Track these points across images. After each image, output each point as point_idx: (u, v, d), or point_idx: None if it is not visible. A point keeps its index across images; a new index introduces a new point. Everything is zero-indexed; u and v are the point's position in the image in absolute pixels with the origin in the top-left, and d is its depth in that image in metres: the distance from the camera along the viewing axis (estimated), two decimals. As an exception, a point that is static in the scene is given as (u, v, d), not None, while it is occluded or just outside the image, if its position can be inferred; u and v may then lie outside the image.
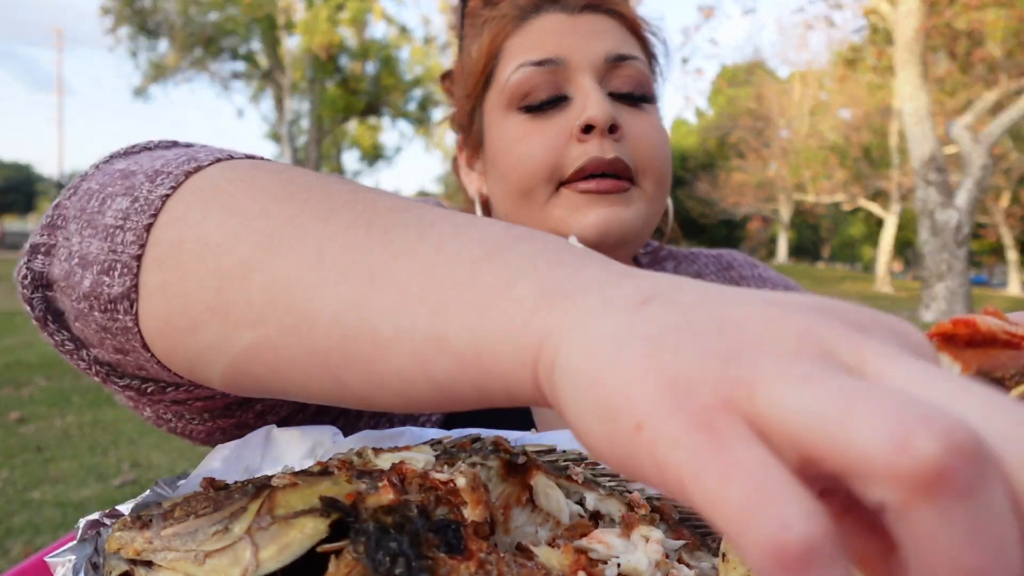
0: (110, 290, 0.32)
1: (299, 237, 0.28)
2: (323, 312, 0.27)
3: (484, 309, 0.23)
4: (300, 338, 0.27)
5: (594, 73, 0.60)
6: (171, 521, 0.28)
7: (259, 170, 0.33)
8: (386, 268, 0.26)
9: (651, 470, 0.17)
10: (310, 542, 0.27)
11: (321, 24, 16.31)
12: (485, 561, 0.28)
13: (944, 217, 6.89)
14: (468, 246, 0.25)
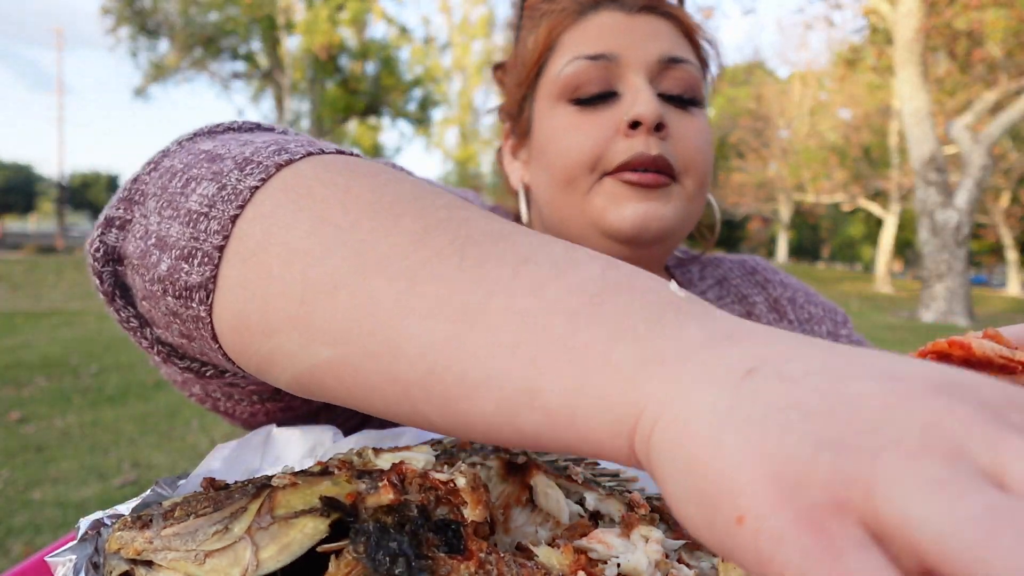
0: (188, 278, 0.31)
1: (391, 259, 0.27)
2: (410, 344, 0.26)
3: (582, 370, 0.22)
4: (381, 364, 0.26)
5: (646, 72, 0.61)
6: (171, 521, 0.28)
7: (353, 173, 0.31)
8: (479, 308, 0.25)
9: (753, 564, 0.16)
10: (310, 542, 0.27)
11: (321, 24, 16.31)
12: (485, 561, 0.28)
13: (944, 217, 6.89)
14: (567, 294, 0.24)
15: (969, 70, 7.84)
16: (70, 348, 5.39)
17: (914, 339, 6.89)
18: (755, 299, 0.74)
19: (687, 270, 0.76)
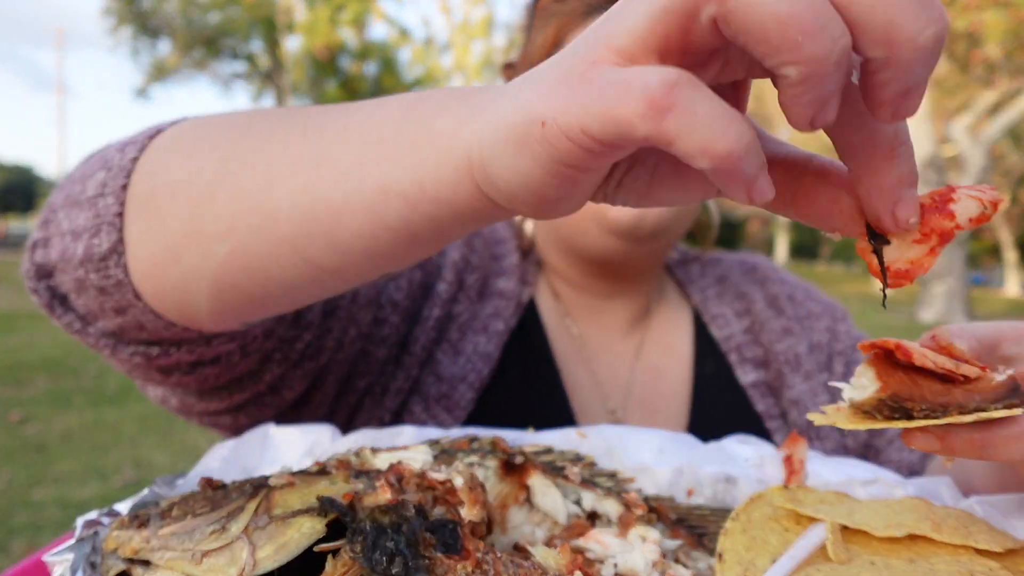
0: (99, 249, 0.36)
1: (249, 154, 0.33)
2: (282, 204, 0.31)
3: (415, 148, 0.28)
4: (268, 233, 0.32)
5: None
6: (169, 520, 0.28)
7: (210, 118, 0.38)
8: (326, 152, 0.31)
9: (564, 144, 0.23)
10: (307, 541, 0.27)
11: (321, 25, 16.31)
12: (482, 561, 0.28)
13: (944, 217, 6.86)
14: (389, 111, 0.30)
15: (968, 71, 7.85)
16: (71, 348, 5.39)
17: (913, 339, 6.84)
18: (753, 296, 0.74)
19: (688, 268, 0.77)
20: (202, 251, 0.34)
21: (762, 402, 0.66)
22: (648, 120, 0.21)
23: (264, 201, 0.32)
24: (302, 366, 0.51)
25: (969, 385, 0.26)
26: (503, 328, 0.63)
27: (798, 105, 0.21)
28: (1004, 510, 0.36)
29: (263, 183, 0.32)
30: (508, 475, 0.38)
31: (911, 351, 0.26)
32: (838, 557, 0.33)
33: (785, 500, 0.36)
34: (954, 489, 0.38)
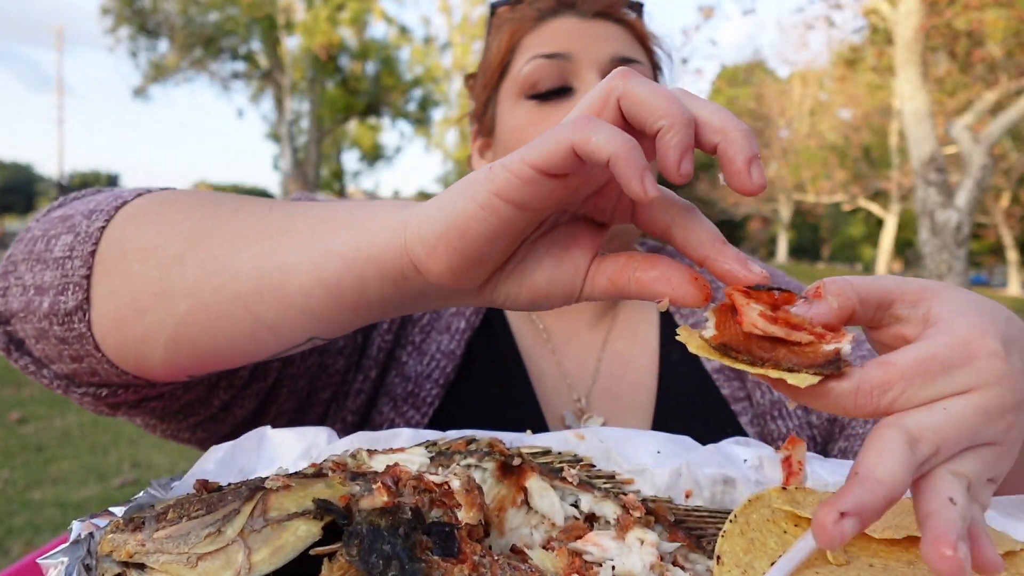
0: (65, 305, 0.40)
1: (219, 225, 0.38)
2: (244, 265, 0.37)
3: (361, 222, 0.35)
4: (227, 291, 0.37)
5: (599, 70, 0.64)
6: (164, 523, 0.28)
7: (177, 194, 0.43)
8: (288, 224, 0.37)
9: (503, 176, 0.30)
10: (303, 545, 0.27)
11: (321, 24, 16.30)
12: (479, 564, 0.28)
13: (944, 217, 6.89)
14: (344, 205, 0.38)
15: (969, 70, 7.84)
16: (70, 348, 5.37)
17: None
18: (719, 282, 0.76)
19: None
20: (166, 308, 0.38)
21: (727, 385, 0.67)
22: (576, 133, 0.29)
23: (229, 263, 0.37)
24: (249, 388, 0.53)
25: (797, 348, 0.28)
26: (464, 326, 0.66)
27: (669, 149, 0.29)
28: (1004, 511, 0.35)
29: (230, 248, 0.37)
30: (505, 477, 0.38)
31: (743, 319, 0.29)
32: (836, 559, 0.32)
33: (784, 502, 0.36)
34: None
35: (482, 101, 0.72)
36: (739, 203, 21.65)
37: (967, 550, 0.25)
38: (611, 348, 0.70)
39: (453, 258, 0.32)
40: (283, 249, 0.36)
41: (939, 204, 6.57)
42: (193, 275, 0.38)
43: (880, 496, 0.26)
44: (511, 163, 0.30)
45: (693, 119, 0.30)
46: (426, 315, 0.66)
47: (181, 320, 0.38)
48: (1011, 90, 7.44)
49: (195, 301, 0.38)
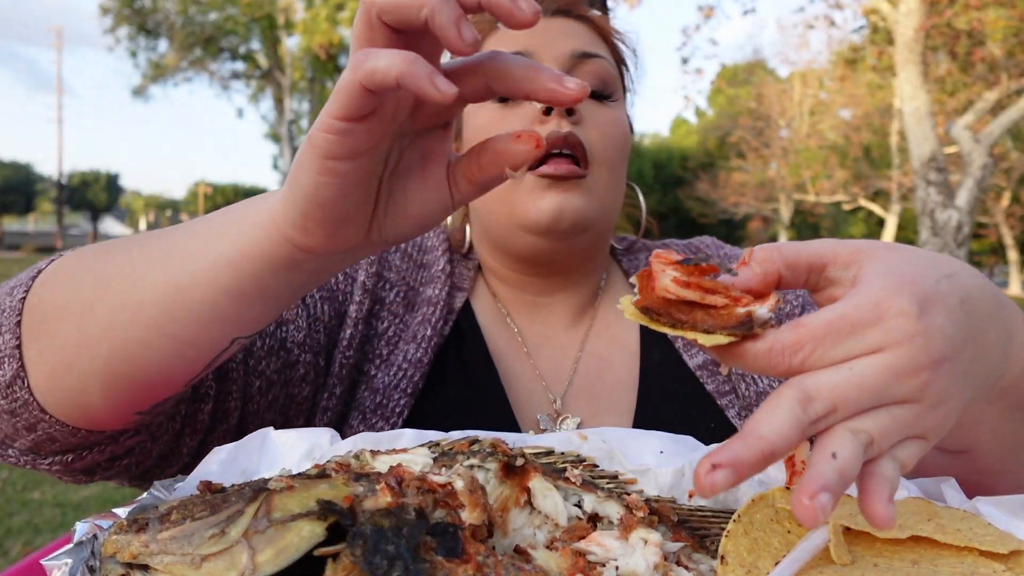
0: (4, 378, 0.43)
1: (117, 266, 0.42)
2: (147, 294, 0.40)
3: (237, 229, 0.39)
4: (139, 322, 0.40)
5: (559, 66, 0.64)
6: (168, 524, 0.28)
7: (81, 251, 0.46)
8: (176, 246, 0.41)
9: (320, 138, 0.33)
10: (307, 545, 0.27)
11: (321, 24, 16.29)
12: (483, 564, 0.28)
13: (944, 217, 6.88)
14: (219, 213, 0.41)
15: (970, 70, 7.83)
16: (70, 348, 5.37)
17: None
18: None
19: (635, 257, 0.78)
20: (90, 354, 0.41)
21: (711, 381, 0.66)
22: (358, 72, 0.31)
23: (133, 296, 0.40)
24: (215, 430, 0.54)
25: (712, 312, 0.30)
26: (431, 333, 0.65)
27: (443, 30, 0.30)
28: (1009, 511, 0.35)
29: (131, 283, 0.41)
30: (509, 477, 0.38)
31: (655, 286, 0.31)
32: (841, 559, 0.32)
33: (787, 501, 0.36)
34: (958, 490, 0.38)
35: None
36: (739, 203, 21.66)
37: (827, 500, 0.26)
38: (589, 349, 0.69)
39: (325, 228, 0.36)
40: (177, 269, 0.40)
41: (939, 204, 6.57)
42: (105, 317, 0.41)
43: (757, 451, 0.27)
44: (322, 124, 0.33)
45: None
46: (391, 327, 0.66)
47: (107, 361, 0.41)
48: (1011, 90, 7.44)
49: (114, 340, 0.41)
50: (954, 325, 0.30)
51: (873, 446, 0.28)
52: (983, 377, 0.34)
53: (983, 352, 0.33)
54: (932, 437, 0.31)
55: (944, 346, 0.30)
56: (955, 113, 8.58)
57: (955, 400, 0.31)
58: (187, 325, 0.40)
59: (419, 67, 0.30)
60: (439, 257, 0.71)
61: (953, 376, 0.30)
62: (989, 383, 0.35)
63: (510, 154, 0.36)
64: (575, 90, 0.33)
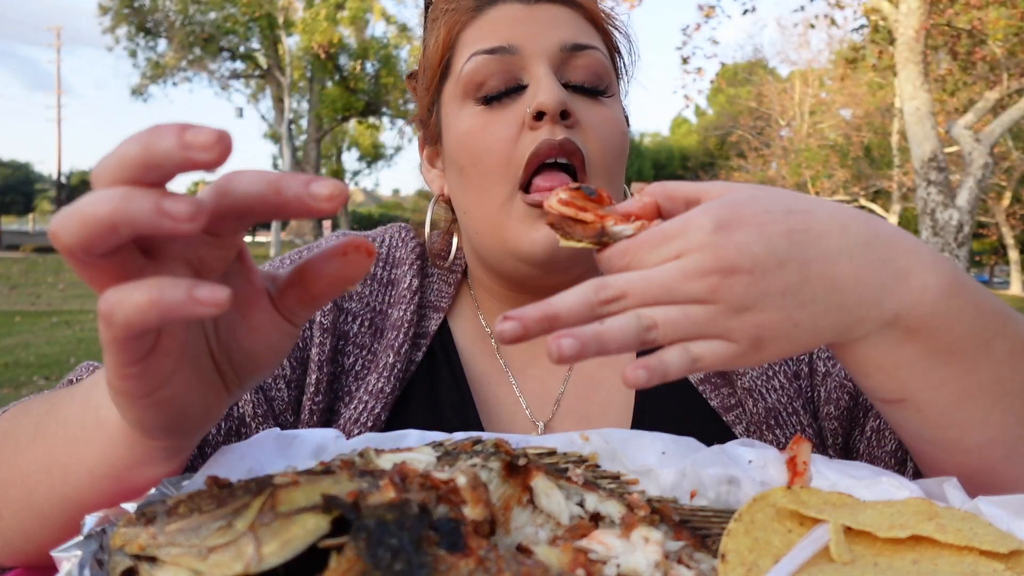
0: None
1: (10, 473, 0.42)
2: (45, 505, 0.40)
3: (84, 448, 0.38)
4: (45, 526, 0.41)
5: (548, 61, 0.58)
6: (175, 517, 0.28)
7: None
8: (54, 458, 0.40)
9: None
10: (312, 538, 0.27)
11: (320, 23, 16.28)
12: (485, 558, 0.28)
13: (945, 217, 6.88)
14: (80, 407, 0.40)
15: (970, 69, 7.83)
16: (68, 348, 5.39)
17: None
18: None
19: None
20: (16, 522, 0.42)
21: (715, 395, 0.61)
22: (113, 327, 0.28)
23: (33, 506, 0.41)
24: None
25: (583, 225, 0.38)
26: (393, 360, 0.60)
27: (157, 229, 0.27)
28: (1010, 510, 0.36)
29: (27, 493, 0.41)
30: (511, 477, 0.38)
31: (545, 203, 0.40)
32: (841, 558, 0.33)
33: (788, 501, 0.36)
34: (959, 490, 0.38)
35: (426, 105, 0.65)
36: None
37: (569, 345, 0.31)
38: (579, 367, 0.65)
39: (180, 425, 0.34)
40: (62, 484, 0.39)
41: (940, 203, 6.56)
42: (13, 520, 0.42)
43: (541, 311, 0.33)
44: (114, 374, 0.30)
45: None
46: (358, 361, 0.61)
47: (21, 542, 0.42)
48: (1012, 89, 7.43)
49: (26, 534, 0.42)
50: (762, 245, 0.35)
51: (656, 330, 0.34)
52: (836, 308, 0.37)
53: (825, 282, 0.36)
54: (742, 342, 0.35)
55: (737, 258, 0.35)
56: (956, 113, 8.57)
57: (770, 314, 0.35)
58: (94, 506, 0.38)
59: (170, 294, 0.26)
60: (407, 272, 0.65)
61: (756, 289, 0.35)
62: (857, 317, 0.37)
63: (345, 276, 0.33)
64: (326, 197, 0.28)
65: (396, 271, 0.66)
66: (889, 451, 0.57)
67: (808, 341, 0.37)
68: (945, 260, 0.40)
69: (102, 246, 0.26)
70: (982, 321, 0.39)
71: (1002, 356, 0.39)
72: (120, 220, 0.26)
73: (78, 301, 9.16)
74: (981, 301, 0.39)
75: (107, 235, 0.26)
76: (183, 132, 0.26)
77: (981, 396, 0.39)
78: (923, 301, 0.38)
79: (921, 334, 0.38)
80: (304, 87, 18.72)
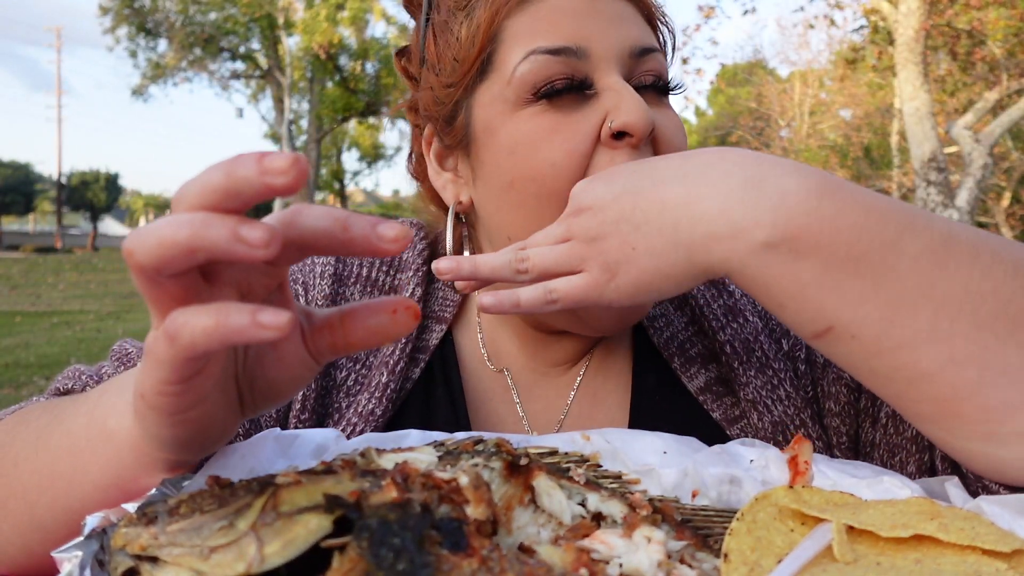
0: None
1: (11, 488, 0.42)
2: (45, 518, 0.41)
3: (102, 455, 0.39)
4: (45, 541, 0.40)
5: (620, 66, 0.51)
6: (177, 517, 0.28)
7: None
8: (57, 470, 0.40)
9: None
10: (314, 538, 0.27)
11: (321, 23, 16.29)
12: (487, 558, 0.28)
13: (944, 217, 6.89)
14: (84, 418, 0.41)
15: (970, 70, 7.84)
16: (68, 348, 5.39)
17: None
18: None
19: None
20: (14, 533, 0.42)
21: (718, 407, 0.58)
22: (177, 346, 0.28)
23: (32, 520, 0.41)
24: None
25: None
26: (386, 380, 0.56)
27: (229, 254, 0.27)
28: (1012, 509, 0.36)
29: (27, 507, 0.41)
30: (513, 476, 0.38)
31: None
32: (844, 557, 0.33)
33: (791, 500, 0.36)
34: (961, 489, 0.38)
35: (446, 101, 0.56)
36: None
37: (445, 265, 0.45)
38: (584, 385, 0.61)
39: (197, 444, 0.35)
40: (64, 496, 0.40)
41: (940, 204, 6.56)
42: (12, 534, 0.42)
43: (468, 263, 0.45)
44: (155, 388, 0.30)
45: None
46: (351, 375, 0.58)
47: (20, 555, 0.42)
48: (1012, 89, 7.44)
49: (25, 549, 0.42)
50: (604, 184, 0.43)
51: (528, 263, 0.43)
52: (671, 228, 0.40)
53: (654, 205, 0.41)
54: (594, 270, 0.42)
55: (583, 199, 0.43)
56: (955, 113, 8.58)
57: (611, 241, 0.41)
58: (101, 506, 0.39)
59: (235, 319, 0.26)
60: (411, 278, 0.61)
61: (596, 220, 0.42)
62: (701, 234, 0.39)
63: (387, 334, 0.32)
64: (391, 239, 0.29)
65: (400, 276, 0.62)
66: (910, 437, 0.52)
67: (651, 265, 0.40)
68: (813, 168, 0.38)
69: (175, 268, 0.27)
70: (876, 220, 0.36)
71: (919, 254, 0.36)
72: (198, 245, 0.26)
73: (78, 301, 9.17)
74: (869, 200, 0.37)
75: (183, 258, 0.27)
76: (262, 159, 0.27)
77: (914, 306, 0.36)
78: (785, 206, 0.37)
79: (806, 245, 0.36)
80: (304, 87, 18.74)
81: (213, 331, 0.26)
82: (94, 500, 0.38)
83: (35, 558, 0.42)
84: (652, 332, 0.62)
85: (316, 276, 0.62)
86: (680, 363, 0.60)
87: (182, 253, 0.27)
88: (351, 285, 0.61)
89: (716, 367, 0.60)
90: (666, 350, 0.61)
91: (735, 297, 0.62)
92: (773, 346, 0.59)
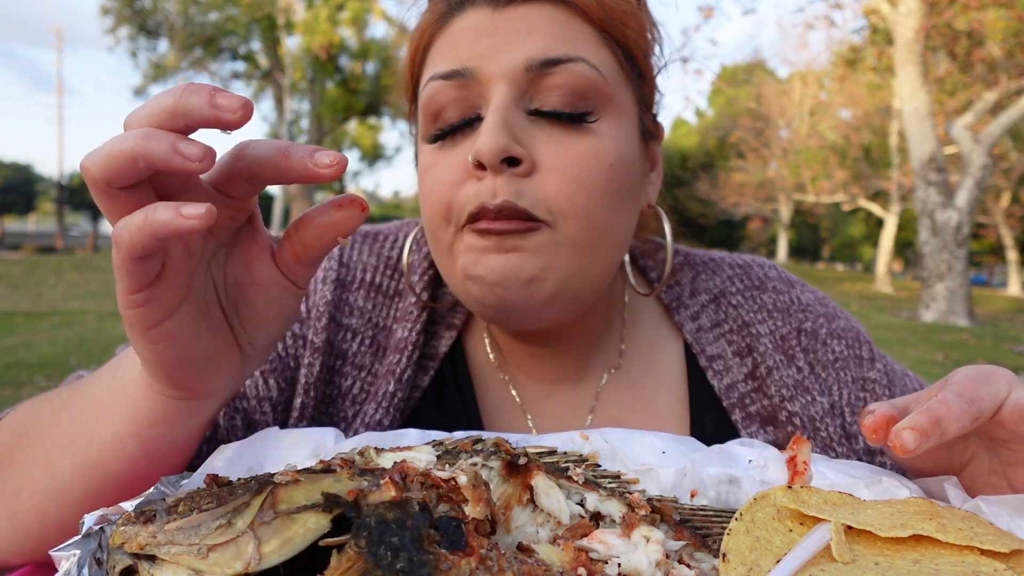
0: None
1: (34, 456, 0.43)
2: (67, 479, 0.41)
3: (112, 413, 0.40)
4: (64, 503, 0.42)
5: (512, 86, 0.47)
6: (175, 516, 0.28)
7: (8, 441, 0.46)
8: (79, 429, 0.41)
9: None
10: (312, 536, 0.27)
11: (321, 24, 16.28)
12: (486, 557, 0.28)
13: (944, 217, 6.89)
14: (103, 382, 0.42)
15: (969, 70, 7.84)
16: (69, 348, 5.39)
17: (914, 339, 6.88)
18: (760, 330, 0.58)
19: (675, 281, 0.62)
20: (15, 529, 0.43)
21: (760, 436, 0.55)
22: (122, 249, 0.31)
23: (55, 483, 0.42)
24: None
25: None
26: (394, 389, 0.54)
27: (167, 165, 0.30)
28: (1010, 509, 0.36)
29: (49, 471, 0.42)
30: (512, 476, 0.38)
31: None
32: (842, 557, 0.33)
33: (789, 500, 0.36)
34: (960, 489, 0.38)
35: (412, 117, 0.57)
36: (739, 203, 21.66)
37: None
38: (604, 410, 0.56)
39: (195, 373, 0.36)
40: (86, 452, 0.41)
41: (939, 204, 6.55)
42: (31, 502, 0.42)
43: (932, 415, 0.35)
44: (122, 303, 0.33)
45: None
46: (356, 383, 0.56)
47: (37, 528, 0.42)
48: (1011, 90, 7.44)
49: (42, 517, 0.42)
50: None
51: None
52: None
53: None
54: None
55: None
56: (955, 113, 8.58)
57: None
58: (109, 491, 0.41)
59: (161, 213, 0.29)
60: (417, 282, 0.58)
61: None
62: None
63: (333, 225, 0.35)
64: (327, 164, 0.32)
65: (409, 279, 0.59)
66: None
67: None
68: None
69: (122, 179, 0.30)
70: None
71: None
72: (139, 154, 0.29)
73: (79, 302, 9.16)
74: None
75: (127, 168, 0.30)
76: (214, 93, 0.30)
77: None
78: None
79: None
80: (305, 88, 18.74)
81: (144, 225, 0.29)
82: (114, 454, 0.39)
83: (48, 525, 0.42)
84: (711, 374, 0.58)
85: (318, 281, 0.60)
86: (741, 416, 0.57)
87: (126, 163, 0.29)
88: (355, 291, 0.59)
89: (775, 431, 0.56)
90: (727, 398, 0.57)
91: (805, 369, 0.58)
92: (838, 431, 0.56)
